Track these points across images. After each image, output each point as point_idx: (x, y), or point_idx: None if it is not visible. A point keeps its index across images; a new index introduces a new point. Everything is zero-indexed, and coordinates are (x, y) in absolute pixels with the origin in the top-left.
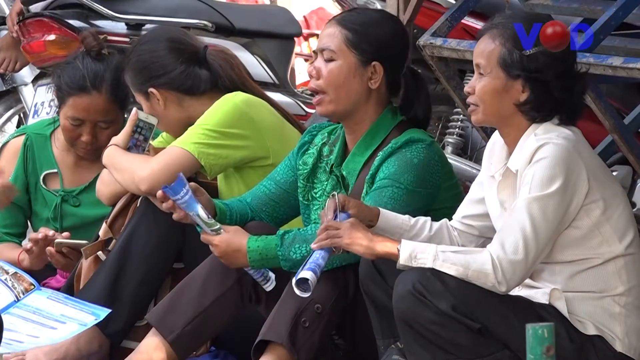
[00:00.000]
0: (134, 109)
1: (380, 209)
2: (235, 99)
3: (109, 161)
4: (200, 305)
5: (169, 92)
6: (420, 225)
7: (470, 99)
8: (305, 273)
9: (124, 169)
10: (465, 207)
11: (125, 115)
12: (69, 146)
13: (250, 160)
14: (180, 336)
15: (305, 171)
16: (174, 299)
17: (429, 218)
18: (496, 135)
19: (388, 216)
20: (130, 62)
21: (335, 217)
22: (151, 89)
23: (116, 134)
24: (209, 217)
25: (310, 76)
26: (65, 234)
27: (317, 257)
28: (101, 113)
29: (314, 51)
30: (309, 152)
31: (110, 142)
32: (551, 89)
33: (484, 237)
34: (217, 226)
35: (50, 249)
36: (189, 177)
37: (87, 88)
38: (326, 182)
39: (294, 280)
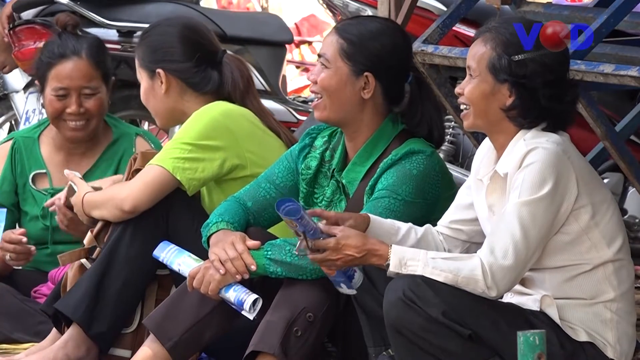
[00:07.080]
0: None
1: (371, 215)
2: (212, 111)
3: (89, 207)
4: (199, 312)
5: (175, 80)
6: (406, 230)
7: (460, 99)
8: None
9: (102, 202)
10: (454, 212)
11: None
12: (57, 129)
13: (228, 172)
14: (178, 343)
15: (309, 175)
16: (172, 305)
17: (411, 224)
18: (487, 141)
19: (378, 222)
20: (148, 38)
21: (311, 233)
22: (159, 70)
23: (102, 105)
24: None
25: (309, 80)
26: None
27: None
28: (84, 78)
29: (317, 54)
30: (310, 155)
31: (74, 202)
32: (538, 96)
33: (471, 242)
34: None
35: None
36: (168, 195)
37: (67, 54)
38: (327, 188)
39: (348, 291)
